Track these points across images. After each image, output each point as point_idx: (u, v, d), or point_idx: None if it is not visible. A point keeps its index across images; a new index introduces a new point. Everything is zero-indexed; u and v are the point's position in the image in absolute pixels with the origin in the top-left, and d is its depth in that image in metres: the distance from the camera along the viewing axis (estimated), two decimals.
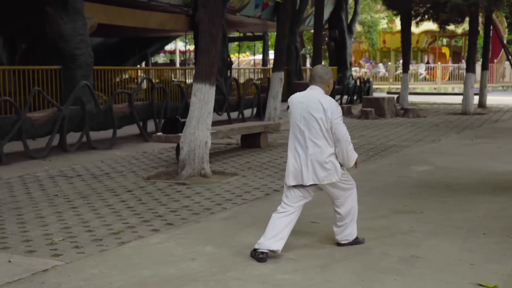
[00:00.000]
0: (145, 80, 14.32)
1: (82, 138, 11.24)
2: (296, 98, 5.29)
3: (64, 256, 5.13)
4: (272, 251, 5.04)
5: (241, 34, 29.98)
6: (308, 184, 5.14)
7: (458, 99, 24.17)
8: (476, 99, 21.93)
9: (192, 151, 8.64)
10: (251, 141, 11.81)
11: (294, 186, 5.18)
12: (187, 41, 29.49)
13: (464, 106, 20.36)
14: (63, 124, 10.76)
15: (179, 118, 10.48)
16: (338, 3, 25.43)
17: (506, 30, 35.01)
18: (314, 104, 5.13)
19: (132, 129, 13.07)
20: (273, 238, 5.04)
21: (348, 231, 5.41)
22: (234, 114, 16.12)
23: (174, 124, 10.08)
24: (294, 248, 5.32)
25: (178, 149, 9.61)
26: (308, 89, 5.32)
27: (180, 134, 9.30)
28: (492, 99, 25.08)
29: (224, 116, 15.62)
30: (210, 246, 5.40)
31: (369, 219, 6.29)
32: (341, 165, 5.20)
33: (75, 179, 8.67)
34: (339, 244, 5.42)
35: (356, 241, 5.44)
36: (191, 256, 5.11)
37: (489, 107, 22.45)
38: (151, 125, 13.28)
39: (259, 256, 5.00)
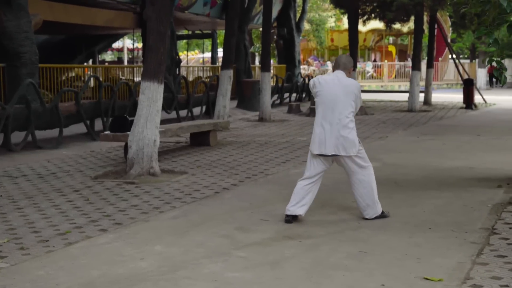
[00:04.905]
0: (92, 78, 14.11)
1: (28, 137, 11.02)
2: (324, 78, 6.19)
3: (9, 258, 5.01)
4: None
5: (190, 32, 29.80)
6: (329, 154, 6.01)
7: (405, 96, 24.58)
8: (421, 96, 22.36)
9: (141, 150, 8.57)
10: (200, 140, 11.77)
11: (318, 155, 6.07)
12: (135, 38, 29.14)
13: (410, 104, 20.74)
14: (8, 123, 10.52)
15: (127, 116, 10.37)
16: (286, 2, 25.54)
17: (450, 29, 35.74)
18: (341, 83, 6.04)
19: (79, 128, 12.87)
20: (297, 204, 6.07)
21: (372, 211, 6.17)
22: (183, 112, 16.04)
23: (122, 122, 9.96)
24: (243, 246, 5.33)
25: (126, 148, 9.51)
26: (334, 73, 6.21)
27: (128, 132, 9.21)
28: (437, 97, 25.60)
29: (173, 115, 15.52)
30: (159, 245, 5.37)
31: (317, 215, 6.34)
32: (359, 142, 6.05)
33: (20, 179, 8.49)
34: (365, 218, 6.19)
35: (383, 215, 6.21)
36: (140, 256, 5.07)
37: (434, 105, 22.92)
38: (98, 124, 13.10)
39: (286, 219, 6.07)
